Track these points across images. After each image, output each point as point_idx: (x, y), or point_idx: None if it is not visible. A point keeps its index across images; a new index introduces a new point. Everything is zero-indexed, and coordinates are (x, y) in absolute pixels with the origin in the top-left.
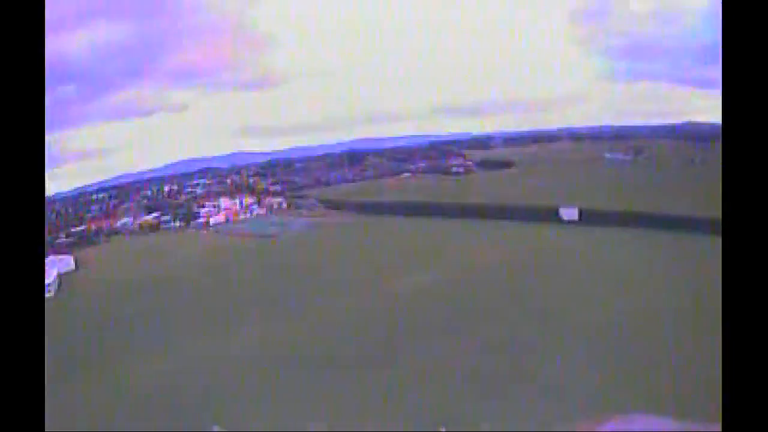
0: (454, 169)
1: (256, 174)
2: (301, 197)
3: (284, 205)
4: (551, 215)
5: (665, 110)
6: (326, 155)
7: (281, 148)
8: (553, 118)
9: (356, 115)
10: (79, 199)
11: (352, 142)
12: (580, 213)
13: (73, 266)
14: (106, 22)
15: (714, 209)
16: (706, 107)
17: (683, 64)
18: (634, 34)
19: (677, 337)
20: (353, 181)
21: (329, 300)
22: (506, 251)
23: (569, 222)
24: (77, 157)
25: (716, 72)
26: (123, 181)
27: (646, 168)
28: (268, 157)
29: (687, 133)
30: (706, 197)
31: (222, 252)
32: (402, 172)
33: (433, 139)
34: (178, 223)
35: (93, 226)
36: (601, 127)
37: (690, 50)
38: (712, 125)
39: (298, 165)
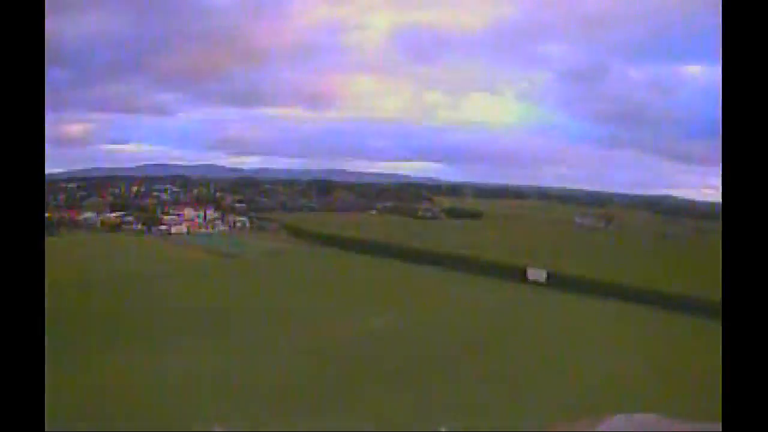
0: (422, 213)
1: (224, 189)
2: (264, 219)
3: (247, 225)
4: (518, 274)
5: (644, 181)
6: (295, 181)
7: (254, 166)
8: (526, 175)
9: (333, 146)
10: (48, 186)
11: (323, 171)
12: (548, 276)
13: None
14: (104, 11)
15: (681, 286)
16: (687, 182)
17: (671, 136)
18: (625, 100)
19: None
20: (319, 210)
21: (277, 332)
22: (469, 305)
23: (535, 283)
24: (54, 142)
25: (702, 148)
26: (94, 174)
27: (616, 237)
28: (239, 174)
29: (662, 207)
30: (675, 272)
31: (176, 264)
32: (369, 208)
33: (403, 180)
34: (140, 226)
35: (56, 216)
36: (574, 190)
37: (680, 123)
38: (689, 201)
39: (267, 186)
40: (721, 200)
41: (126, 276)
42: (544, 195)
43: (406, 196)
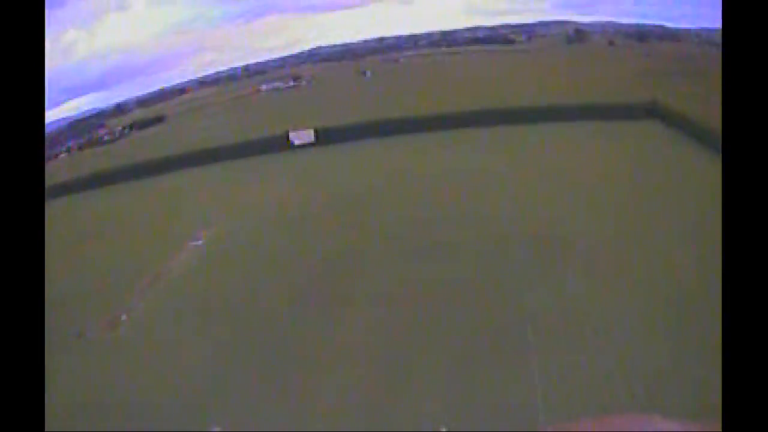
0: (106, 138)
1: None
2: None
3: None
4: (283, 143)
5: (293, 39)
6: None
7: None
8: (182, 72)
9: None
10: None
11: None
12: (317, 134)
13: None
14: None
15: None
16: (330, 30)
17: None
18: None
19: None
20: None
21: None
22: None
23: (303, 146)
24: None
25: None
26: None
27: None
28: None
29: (321, 57)
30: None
31: None
32: (57, 155)
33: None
34: None
35: None
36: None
37: None
38: (344, 45)
39: None
40: None
41: None
42: (206, 84)
43: (83, 131)
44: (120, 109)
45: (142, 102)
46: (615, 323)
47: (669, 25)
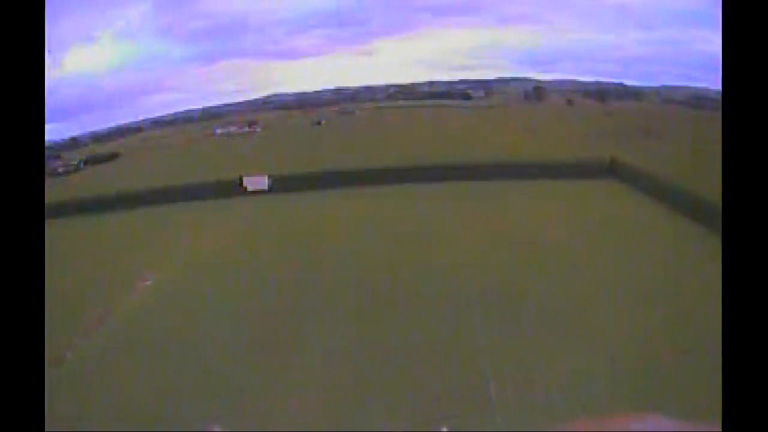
0: (61, 170)
1: None
2: None
3: None
4: (236, 187)
5: (251, 85)
6: None
7: None
8: (144, 108)
9: None
10: None
11: None
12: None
13: None
14: None
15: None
16: (288, 78)
17: (270, 38)
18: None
19: None
20: None
21: None
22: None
23: (257, 192)
24: None
25: (298, 41)
26: None
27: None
28: None
29: (278, 104)
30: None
31: None
32: None
33: None
34: None
35: None
36: (189, 110)
37: (276, 23)
38: (301, 94)
39: None
40: None
41: None
42: (161, 124)
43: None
44: (75, 142)
45: (97, 137)
46: (584, 373)
47: (629, 83)
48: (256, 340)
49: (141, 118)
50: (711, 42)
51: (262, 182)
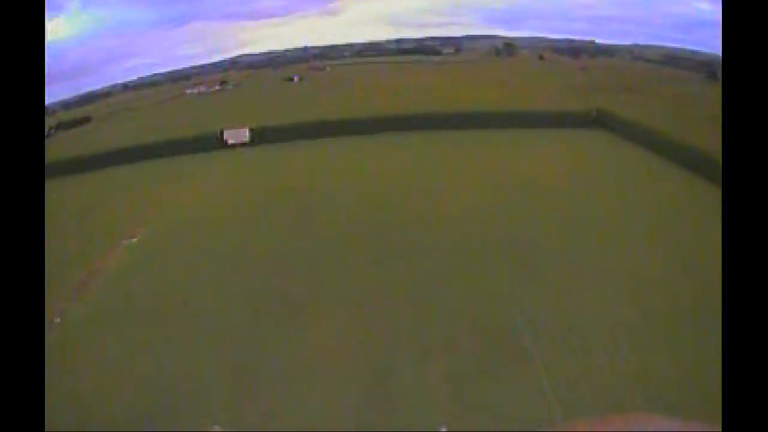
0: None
1: None
2: None
3: None
4: (215, 142)
5: (217, 47)
6: None
7: None
8: (111, 75)
9: None
10: None
11: None
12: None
13: None
14: None
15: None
16: (254, 39)
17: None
18: None
19: None
20: None
21: None
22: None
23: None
24: None
25: (261, 2)
26: None
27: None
28: None
29: (246, 64)
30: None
31: None
32: None
33: None
34: None
35: None
36: (159, 74)
37: None
38: (268, 53)
39: None
40: None
41: None
42: (130, 88)
43: None
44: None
45: (66, 105)
46: (609, 325)
47: (600, 41)
48: (257, 292)
49: (109, 83)
50: (683, 3)
51: (243, 134)
